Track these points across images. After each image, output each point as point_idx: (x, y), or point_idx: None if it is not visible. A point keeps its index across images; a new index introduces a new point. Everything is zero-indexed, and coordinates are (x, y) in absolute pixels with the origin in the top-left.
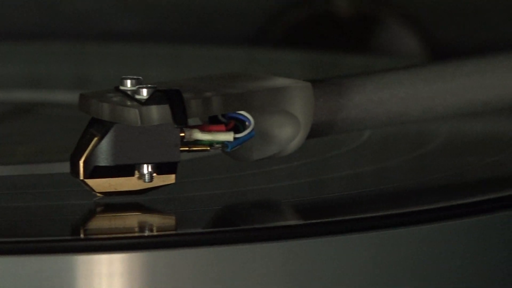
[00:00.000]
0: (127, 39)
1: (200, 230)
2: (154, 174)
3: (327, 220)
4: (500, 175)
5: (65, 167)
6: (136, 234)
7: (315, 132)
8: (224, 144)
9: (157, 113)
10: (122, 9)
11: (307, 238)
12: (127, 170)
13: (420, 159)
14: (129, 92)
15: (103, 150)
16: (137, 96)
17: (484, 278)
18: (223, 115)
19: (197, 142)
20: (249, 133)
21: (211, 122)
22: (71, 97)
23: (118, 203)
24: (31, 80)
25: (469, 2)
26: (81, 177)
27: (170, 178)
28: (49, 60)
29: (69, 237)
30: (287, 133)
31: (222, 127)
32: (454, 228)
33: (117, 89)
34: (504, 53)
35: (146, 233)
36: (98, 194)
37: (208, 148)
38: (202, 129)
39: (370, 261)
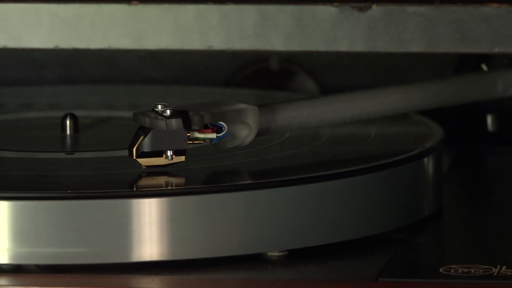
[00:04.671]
0: (154, 83)
1: (197, 186)
2: (173, 156)
3: (263, 181)
4: (358, 157)
5: (125, 152)
6: (164, 188)
7: (259, 133)
8: (211, 140)
9: (175, 123)
10: (154, 67)
11: (255, 190)
12: (159, 153)
13: (314, 148)
14: (159, 111)
15: (146, 143)
16: (164, 114)
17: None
18: (210, 124)
19: (196, 139)
20: (224, 134)
21: (204, 128)
22: (128, 114)
23: (154, 171)
24: (105, 105)
25: (342, 64)
26: (134, 157)
27: (182, 158)
28: (116, 95)
29: (128, 190)
30: (244, 134)
31: (210, 130)
32: (322, 189)
33: (153, 110)
34: (362, 91)
35: (168, 187)
36: (143, 167)
37: (202, 142)
38: (199, 131)
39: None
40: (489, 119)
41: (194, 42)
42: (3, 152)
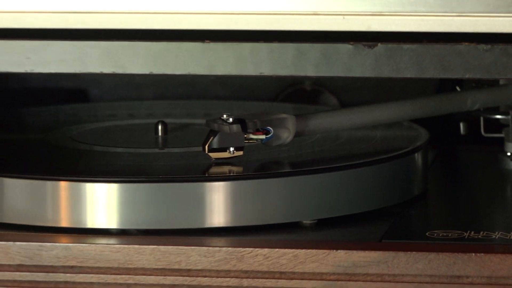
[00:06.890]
0: (221, 99)
1: (252, 173)
2: (235, 151)
3: (299, 169)
4: (367, 152)
5: (200, 148)
6: (228, 174)
7: (296, 135)
8: (261, 140)
9: (236, 127)
10: (221, 87)
11: (293, 176)
12: (224, 149)
13: (336, 146)
14: (225, 119)
15: (215, 141)
16: (228, 121)
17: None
18: (261, 128)
19: (251, 139)
20: (271, 135)
21: (256, 131)
22: (202, 121)
23: (220, 162)
24: (186, 115)
25: (356, 86)
26: (206, 152)
27: (241, 153)
28: (194, 107)
29: (202, 175)
30: (286, 135)
31: (261, 133)
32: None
33: (220, 118)
34: (369, 105)
35: (231, 173)
36: (213, 159)
37: (255, 141)
38: (253, 133)
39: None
40: (462, 126)
41: (249, 70)
42: (114, 148)
